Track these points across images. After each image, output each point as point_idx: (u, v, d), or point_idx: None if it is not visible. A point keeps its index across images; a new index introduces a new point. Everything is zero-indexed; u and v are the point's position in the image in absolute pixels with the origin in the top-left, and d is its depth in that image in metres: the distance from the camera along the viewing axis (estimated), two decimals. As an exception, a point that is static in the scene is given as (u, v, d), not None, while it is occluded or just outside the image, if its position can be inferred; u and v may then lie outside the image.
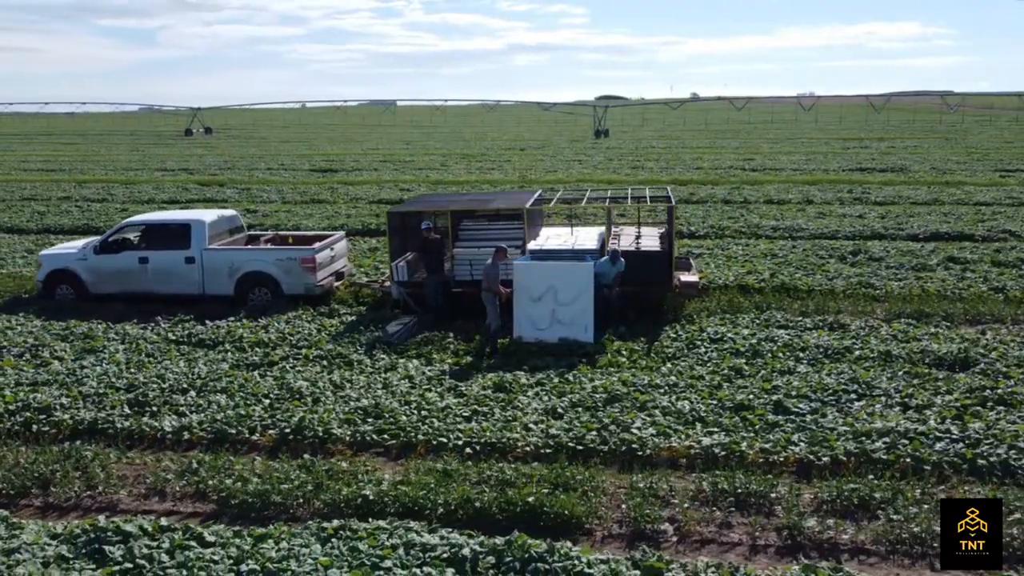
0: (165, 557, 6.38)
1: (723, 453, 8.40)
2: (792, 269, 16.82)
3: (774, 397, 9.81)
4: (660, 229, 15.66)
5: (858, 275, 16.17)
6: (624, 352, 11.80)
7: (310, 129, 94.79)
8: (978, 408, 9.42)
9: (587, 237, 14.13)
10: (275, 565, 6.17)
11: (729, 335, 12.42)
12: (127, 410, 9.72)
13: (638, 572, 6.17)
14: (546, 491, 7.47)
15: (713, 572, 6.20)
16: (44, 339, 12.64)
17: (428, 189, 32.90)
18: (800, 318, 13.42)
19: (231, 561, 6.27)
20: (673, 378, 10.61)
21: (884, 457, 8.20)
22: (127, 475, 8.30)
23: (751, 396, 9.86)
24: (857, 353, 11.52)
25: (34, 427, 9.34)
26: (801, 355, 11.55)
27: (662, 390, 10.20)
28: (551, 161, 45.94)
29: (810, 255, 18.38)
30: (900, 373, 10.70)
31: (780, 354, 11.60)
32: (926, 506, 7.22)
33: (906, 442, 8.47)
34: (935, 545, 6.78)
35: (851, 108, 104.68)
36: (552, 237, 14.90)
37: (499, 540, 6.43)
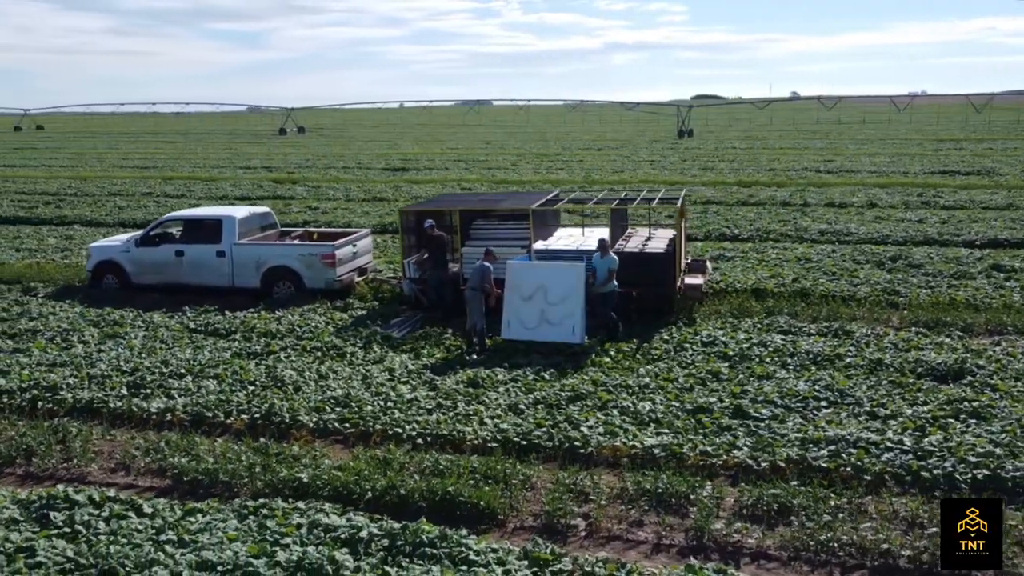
0: (102, 525, 6.97)
1: (663, 454, 8.45)
2: (820, 274, 16.42)
3: (742, 401, 9.75)
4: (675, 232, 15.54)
5: (888, 282, 15.68)
6: (612, 352, 11.90)
7: (399, 129, 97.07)
8: (949, 420, 9.14)
9: (596, 238, 14.23)
10: (189, 536, 6.66)
11: (723, 339, 12.33)
12: (124, 391, 10.48)
13: (525, 562, 6.36)
14: (471, 482, 7.73)
15: (600, 566, 6.34)
16: (78, 324, 13.65)
17: (489, 188, 33.39)
18: (806, 324, 13.19)
19: (154, 531, 6.80)
20: (647, 379, 10.67)
21: (824, 465, 8.09)
22: (103, 450, 9.01)
23: (716, 400, 9.83)
24: (847, 361, 11.28)
25: (39, 404, 10.19)
26: (789, 360, 11.40)
27: (631, 391, 10.29)
28: (623, 162, 45.77)
29: (847, 260, 17.89)
30: (884, 382, 10.44)
31: (768, 359, 11.47)
32: (841, 514, 7.13)
33: (853, 451, 8.32)
34: (840, 554, 6.72)
35: (951, 108, 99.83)
36: (564, 238, 15.08)
37: (397, 524, 6.74)
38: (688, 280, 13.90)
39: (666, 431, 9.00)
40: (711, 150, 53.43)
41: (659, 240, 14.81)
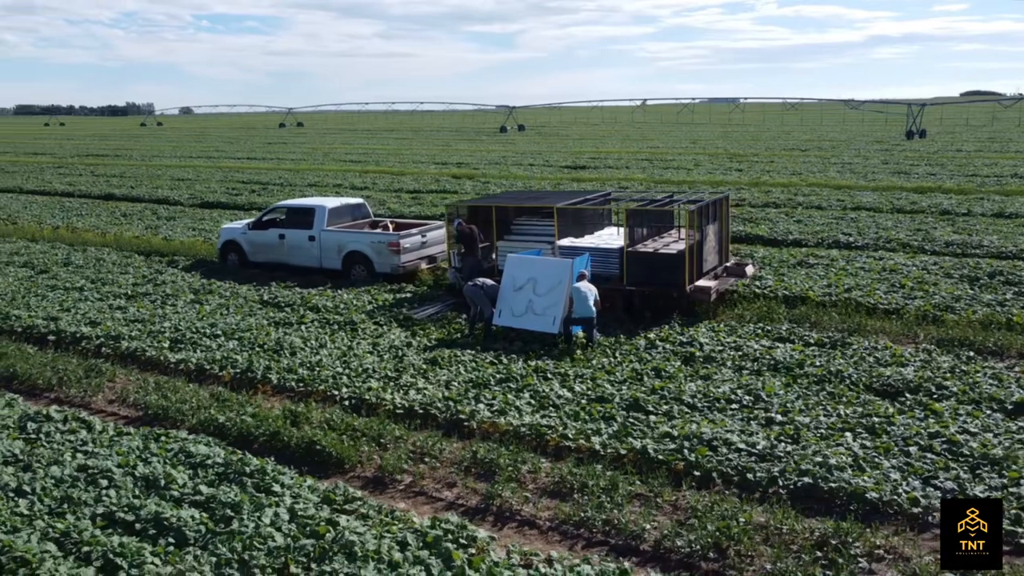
0: (58, 436, 9.12)
1: (529, 434, 9.21)
2: (887, 286, 15.59)
3: (644, 396, 10.15)
4: (718, 228, 15.52)
5: (951, 298, 14.63)
6: (590, 345, 12.50)
7: (616, 127, 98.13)
8: (844, 432, 8.98)
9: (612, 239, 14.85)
10: (98, 448, 8.60)
11: (702, 340, 12.50)
12: (165, 345, 12.85)
13: (317, 499, 7.57)
14: (334, 435, 9.05)
15: (375, 511, 7.39)
16: (182, 291, 16.49)
17: (649, 187, 33.62)
18: (811, 333, 12.91)
19: (80, 442, 8.83)
20: (588, 371, 11.27)
21: (660, 458, 8.46)
22: (115, 386, 11.34)
23: (629, 393, 10.28)
24: (805, 370, 11.12)
25: (103, 349, 12.84)
26: (747, 365, 11.44)
27: (563, 378, 10.98)
28: (820, 164, 43.62)
29: (933, 274, 16.74)
30: (820, 393, 10.29)
31: (728, 362, 11.58)
32: (621, 498, 7.60)
33: (699, 448, 8.58)
34: (593, 529, 7.26)
35: None
36: (605, 236, 15.73)
37: (236, 456, 8.23)
38: (699, 283, 14.03)
39: (553, 414, 9.69)
40: (929, 153, 49.27)
41: (681, 242, 14.97)
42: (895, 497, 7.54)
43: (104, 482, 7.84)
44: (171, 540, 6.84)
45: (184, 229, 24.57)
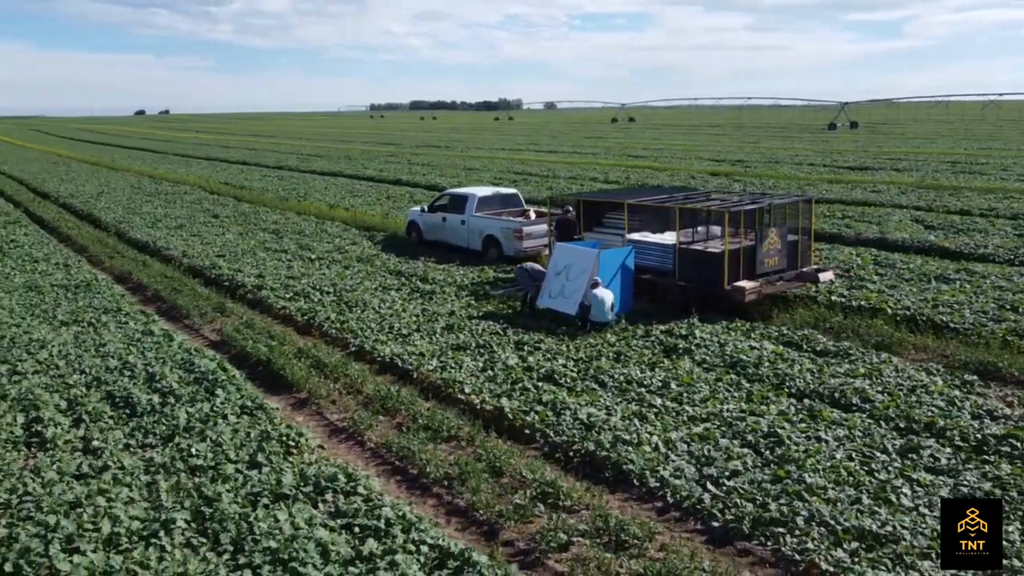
0: (111, 323, 12.94)
1: (440, 382, 11.03)
2: (977, 305, 14.25)
3: (568, 371, 11.32)
4: (786, 231, 15.25)
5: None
6: (607, 329, 13.62)
7: (961, 124, 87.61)
8: (710, 427, 9.48)
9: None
10: (152, 353, 12.16)
11: (702, 336, 13.00)
12: (286, 295, 16.42)
13: (240, 413, 10.20)
14: (302, 364, 11.66)
15: (282, 420, 9.85)
16: (350, 259, 20.20)
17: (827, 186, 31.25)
18: (837, 343, 12.71)
19: (151, 347, 12.50)
20: (571, 350, 12.51)
21: (509, 416, 9.80)
22: (227, 319, 15.06)
23: (553, 367, 11.52)
24: (758, 370, 11.33)
25: (247, 294, 16.83)
26: (712, 361, 11.88)
27: (539, 352, 12.39)
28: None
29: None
30: (741, 391, 10.62)
31: (698, 356, 12.09)
32: (487, 475, 8.88)
33: (544, 411, 9.76)
34: (397, 452, 9.01)
35: None
36: (686, 233, 16.36)
37: (204, 367, 11.21)
38: (739, 283, 14.23)
39: (482, 375, 11.32)
40: None
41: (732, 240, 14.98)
42: (660, 481, 8.15)
43: (125, 371, 11.31)
44: (126, 411, 9.98)
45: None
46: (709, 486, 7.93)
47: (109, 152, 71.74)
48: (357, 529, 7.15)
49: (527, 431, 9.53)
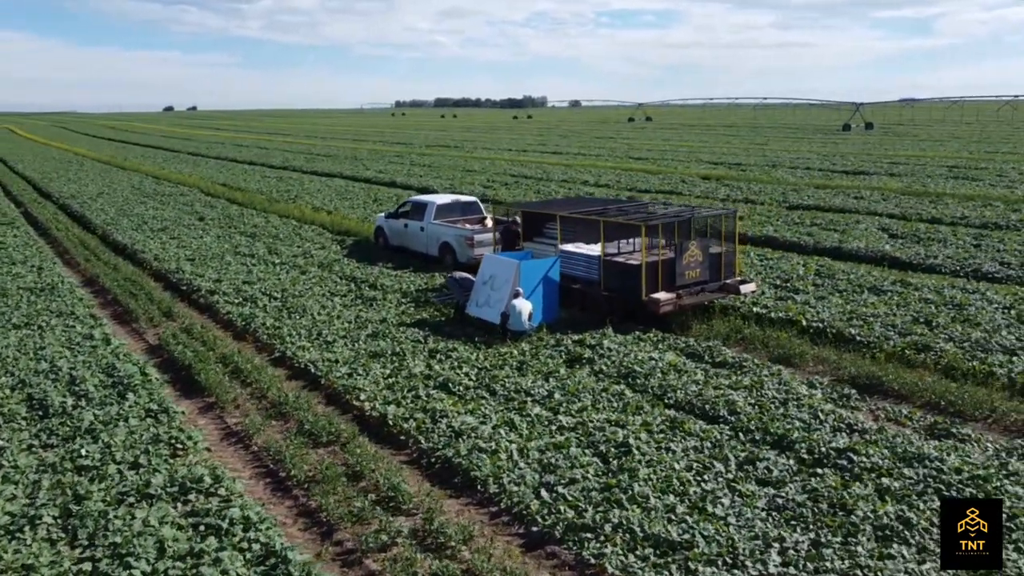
0: (86, 344, 13.73)
1: (342, 390, 11.68)
2: (893, 318, 14.60)
3: (464, 380, 11.95)
4: (708, 243, 15.68)
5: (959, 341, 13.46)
6: (526, 339, 14.20)
7: (977, 126, 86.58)
8: (569, 440, 10.01)
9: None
10: (80, 354, 12.93)
11: (609, 346, 13.52)
12: (236, 299, 17.15)
13: (145, 402, 10.94)
14: (219, 370, 12.38)
15: (168, 419, 10.59)
16: (312, 264, 20.93)
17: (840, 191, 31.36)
18: (726, 349, 13.23)
19: (87, 349, 13.27)
20: (474, 358, 13.12)
21: (402, 439, 10.40)
22: (172, 323, 15.82)
23: (449, 375, 12.14)
24: (649, 382, 11.83)
25: (200, 299, 17.58)
26: (608, 372, 12.40)
27: (445, 364, 12.99)
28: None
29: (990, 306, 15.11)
30: (626, 403, 11.14)
31: (596, 366, 12.63)
32: (344, 479, 9.55)
33: (422, 417, 10.38)
34: (260, 450, 9.68)
35: None
36: (612, 244, 16.83)
37: (139, 372, 11.95)
38: (656, 295, 14.70)
39: (383, 382, 11.96)
40: None
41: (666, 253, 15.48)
42: (505, 486, 8.75)
43: (51, 374, 12.09)
44: (39, 413, 10.75)
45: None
46: (543, 493, 8.48)
47: (125, 151, 73.39)
48: (203, 528, 7.81)
49: (403, 437, 10.15)
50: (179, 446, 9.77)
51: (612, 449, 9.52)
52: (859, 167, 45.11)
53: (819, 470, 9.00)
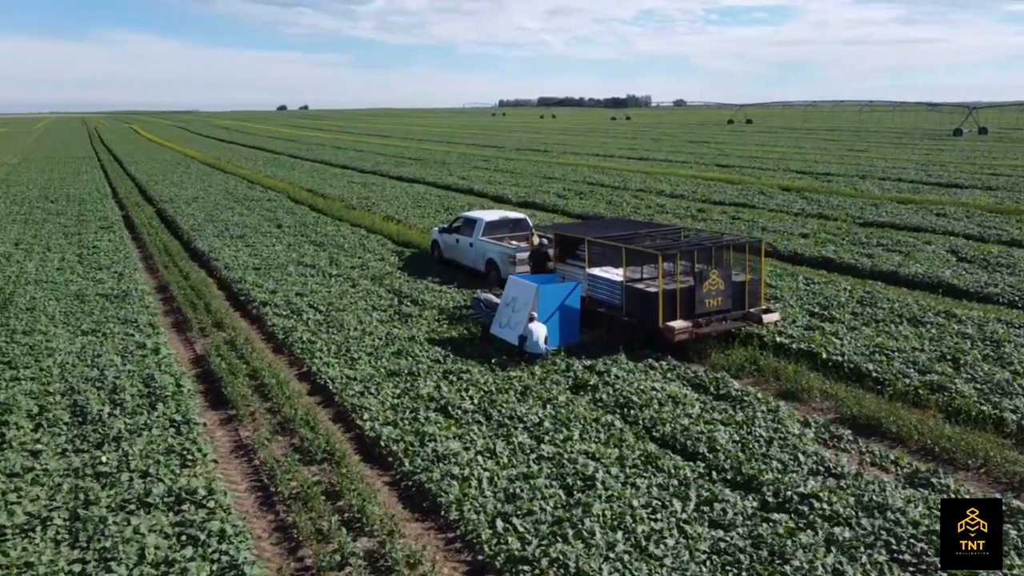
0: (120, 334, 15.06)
1: (351, 408, 12.47)
2: (917, 355, 14.32)
3: (462, 403, 12.53)
4: (732, 271, 15.71)
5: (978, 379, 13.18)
6: (540, 363, 14.69)
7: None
8: (534, 473, 10.52)
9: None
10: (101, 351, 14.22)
11: (613, 372, 13.88)
12: (285, 311, 18.27)
13: (173, 431, 12.03)
14: (247, 383, 13.38)
15: (185, 427, 11.64)
16: (364, 277, 21.96)
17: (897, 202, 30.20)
18: (733, 381, 13.38)
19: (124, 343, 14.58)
20: (483, 380, 13.70)
21: (390, 460, 11.11)
22: (223, 333, 17.04)
23: (454, 399, 12.74)
24: (642, 414, 12.13)
25: (253, 307, 18.82)
26: (606, 401, 12.75)
27: (454, 386, 13.61)
28: None
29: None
30: (600, 431, 11.51)
31: (595, 394, 13.00)
32: (324, 498, 10.50)
33: (411, 438, 11.03)
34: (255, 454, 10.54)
35: None
36: (634, 270, 17.05)
37: (156, 384, 13.08)
38: (671, 323, 14.89)
39: (392, 402, 12.70)
40: None
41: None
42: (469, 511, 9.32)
43: (98, 382, 13.35)
44: (79, 419, 11.98)
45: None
46: (497, 523, 8.98)
47: (231, 152, 77.39)
48: (184, 538, 8.68)
49: (390, 459, 10.83)
50: (189, 457, 10.74)
51: (579, 482, 9.91)
52: (954, 179, 43.28)
53: (776, 515, 9.14)
